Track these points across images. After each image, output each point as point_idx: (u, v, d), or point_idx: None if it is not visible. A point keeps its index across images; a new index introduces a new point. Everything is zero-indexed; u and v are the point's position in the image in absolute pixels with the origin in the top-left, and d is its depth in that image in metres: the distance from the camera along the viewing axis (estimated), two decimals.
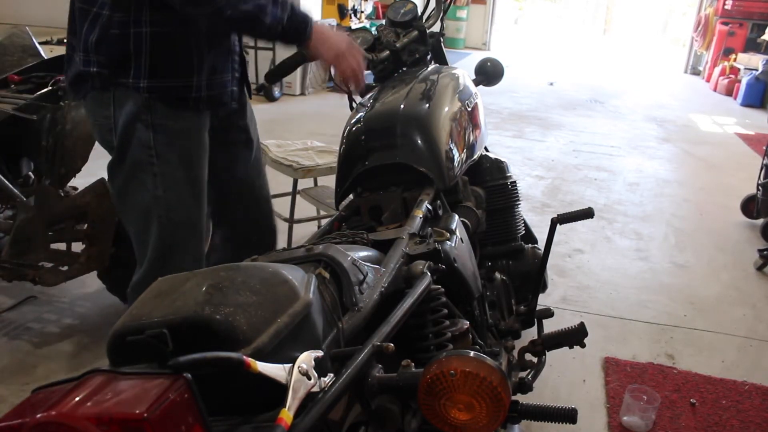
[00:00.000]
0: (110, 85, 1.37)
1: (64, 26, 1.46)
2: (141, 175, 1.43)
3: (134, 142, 1.40)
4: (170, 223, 1.46)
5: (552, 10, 21.56)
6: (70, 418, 0.56)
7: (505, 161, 1.94)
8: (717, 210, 4.07)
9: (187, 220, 1.50)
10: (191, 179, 1.48)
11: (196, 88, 1.42)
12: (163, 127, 1.40)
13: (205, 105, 1.46)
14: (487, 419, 0.78)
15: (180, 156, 1.44)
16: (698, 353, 2.45)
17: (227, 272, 0.81)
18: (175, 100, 1.40)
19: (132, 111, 1.37)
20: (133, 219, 1.51)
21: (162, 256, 1.50)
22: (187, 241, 1.51)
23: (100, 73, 1.36)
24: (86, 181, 2.21)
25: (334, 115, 3.03)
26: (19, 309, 2.44)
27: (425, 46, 1.96)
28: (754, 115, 7.34)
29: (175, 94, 1.39)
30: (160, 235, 1.47)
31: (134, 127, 1.38)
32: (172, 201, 1.46)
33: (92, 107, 1.44)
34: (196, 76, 1.41)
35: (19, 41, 2.50)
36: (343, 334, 0.89)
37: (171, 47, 1.36)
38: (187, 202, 1.48)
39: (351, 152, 1.58)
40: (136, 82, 1.35)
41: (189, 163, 1.47)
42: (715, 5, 9.61)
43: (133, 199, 1.47)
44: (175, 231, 1.48)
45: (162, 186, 1.43)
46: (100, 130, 1.46)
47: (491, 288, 1.74)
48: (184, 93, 1.40)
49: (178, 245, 1.50)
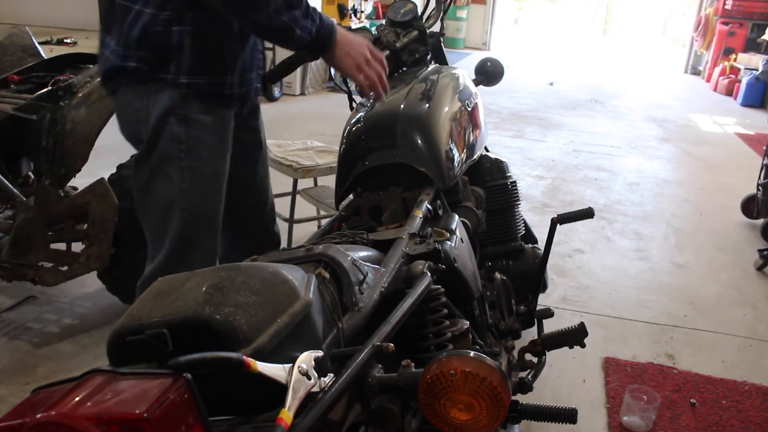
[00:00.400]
0: (148, 80, 1.41)
1: (64, 26, 1.47)
2: (168, 168, 1.45)
3: (165, 136, 1.43)
4: (192, 218, 1.49)
5: (552, 10, 21.56)
6: (70, 418, 0.56)
7: (505, 161, 1.94)
8: (717, 210, 4.07)
9: (208, 215, 1.52)
10: (216, 175, 1.51)
11: (229, 86, 1.46)
12: (196, 122, 1.43)
13: (236, 102, 1.50)
14: (487, 419, 0.78)
15: (209, 151, 1.48)
16: (698, 353, 2.45)
17: (227, 272, 0.81)
18: (210, 97, 1.44)
19: (167, 105, 1.41)
20: (153, 211, 1.52)
21: (179, 250, 1.51)
22: (204, 236, 1.54)
23: (139, 68, 1.40)
24: (86, 181, 2.21)
25: (334, 115, 3.04)
26: (19, 309, 2.44)
27: (425, 46, 1.96)
28: (754, 115, 7.35)
29: (210, 90, 1.43)
30: (181, 228, 1.49)
31: (167, 121, 1.42)
32: (196, 195, 1.48)
33: (124, 100, 1.47)
34: (230, 74, 1.45)
35: (19, 41, 2.50)
36: (343, 334, 0.89)
37: (209, 46, 1.41)
38: (210, 197, 1.51)
39: (351, 152, 1.58)
40: (176, 78, 1.39)
41: (216, 159, 1.50)
42: (715, 5, 9.62)
43: (158, 191, 1.49)
44: (195, 225, 1.50)
45: (189, 180, 1.46)
46: (131, 123, 1.49)
47: (491, 288, 1.74)
48: (218, 90, 1.44)
49: (196, 240, 1.52)
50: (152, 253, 1.56)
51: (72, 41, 8.27)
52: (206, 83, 1.42)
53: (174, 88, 1.39)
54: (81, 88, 2.20)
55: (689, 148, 5.68)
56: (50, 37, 8.27)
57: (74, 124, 2.17)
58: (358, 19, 7.42)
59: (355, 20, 7.21)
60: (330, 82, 7.06)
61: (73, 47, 7.94)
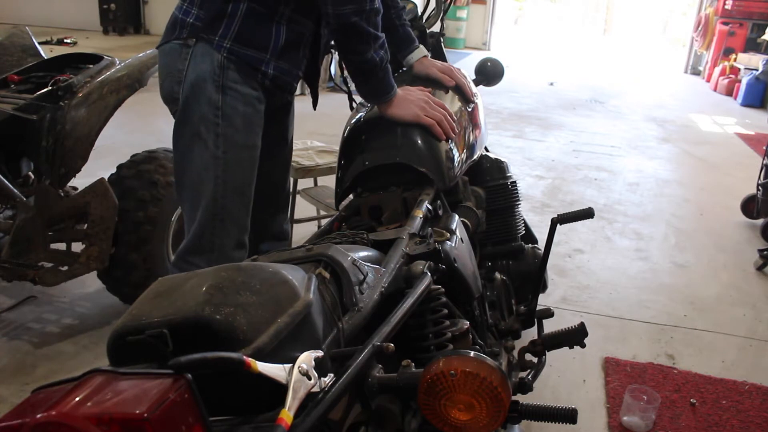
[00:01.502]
0: (197, 38, 1.49)
1: (64, 26, 1.48)
2: (205, 134, 1.51)
3: (202, 100, 1.49)
4: (225, 186, 1.52)
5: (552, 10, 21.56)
6: (70, 418, 0.56)
7: (505, 161, 1.94)
8: (717, 210, 4.07)
9: (240, 186, 1.56)
10: (249, 146, 1.55)
11: (266, 64, 1.51)
12: (233, 90, 1.49)
13: (269, 83, 1.54)
14: (487, 419, 0.78)
15: (243, 121, 1.52)
16: (698, 353, 2.45)
17: (227, 272, 0.81)
18: (248, 68, 1.50)
19: (206, 69, 1.48)
20: (190, 181, 1.56)
21: (210, 220, 1.54)
22: (235, 207, 1.56)
23: (194, 24, 1.49)
24: (86, 181, 2.21)
25: (334, 115, 3.03)
26: (19, 309, 2.44)
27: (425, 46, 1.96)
28: (754, 115, 7.35)
29: (248, 62, 1.49)
30: (214, 196, 1.53)
31: (204, 86, 1.48)
32: (230, 163, 1.52)
33: (168, 58, 1.55)
34: (269, 54, 1.51)
35: (19, 41, 2.50)
36: (343, 334, 0.89)
37: (258, 21, 1.48)
38: (243, 167, 1.55)
39: (351, 152, 1.58)
40: (221, 41, 1.47)
41: (250, 131, 1.54)
42: (715, 5, 9.62)
43: (194, 158, 1.53)
44: (227, 194, 1.53)
45: (223, 147, 1.51)
46: (170, 82, 1.55)
47: (491, 288, 1.74)
48: (256, 64, 1.50)
49: (227, 210, 1.55)
50: (188, 225, 1.60)
51: (72, 41, 8.28)
52: (245, 54, 1.48)
53: (216, 51, 1.47)
54: (81, 88, 2.20)
55: (689, 148, 5.68)
56: (50, 37, 8.28)
57: (74, 124, 2.17)
58: None
59: None
60: (330, 82, 7.04)
61: (73, 47, 7.95)
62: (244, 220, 1.60)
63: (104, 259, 2.18)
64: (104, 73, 2.28)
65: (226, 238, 1.56)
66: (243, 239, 1.60)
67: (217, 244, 1.55)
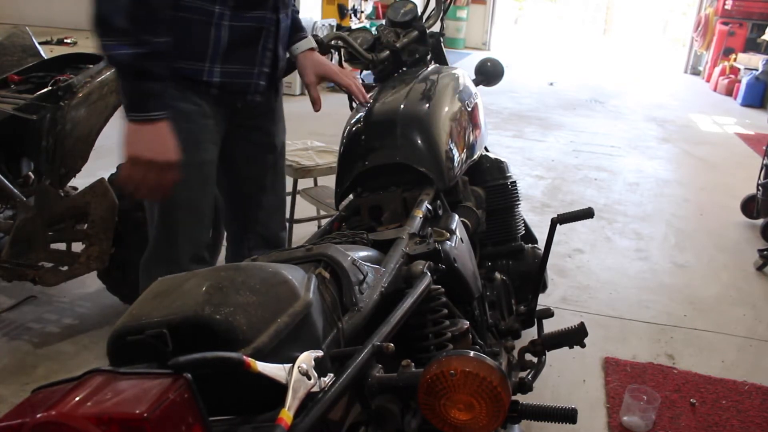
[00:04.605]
0: None
1: (64, 26, 1.47)
2: None
3: None
4: (171, 203, 1.47)
5: (552, 10, 21.56)
6: (70, 418, 0.56)
7: (505, 161, 1.94)
8: (717, 210, 4.07)
9: (189, 203, 1.51)
10: (196, 164, 1.48)
11: (208, 72, 1.43)
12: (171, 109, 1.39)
13: (216, 91, 1.46)
14: (487, 419, 0.78)
15: (186, 139, 1.45)
16: (698, 353, 2.45)
17: (227, 272, 0.81)
18: (186, 82, 1.42)
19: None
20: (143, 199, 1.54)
21: (163, 236, 1.53)
22: (186, 223, 1.53)
23: None
24: (86, 181, 2.21)
25: (334, 115, 3.03)
26: (19, 309, 2.44)
27: (425, 46, 1.96)
28: (754, 115, 7.35)
29: (185, 75, 1.41)
30: (161, 213, 1.51)
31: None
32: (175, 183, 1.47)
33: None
34: (209, 61, 1.43)
35: (19, 41, 2.50)
36: (343, 334, 0.89)
37: (188, 29, 1.38)
38: (190, 185, 1.48)
39: (351, 152, 1.58)
40: None
41: (195, 148, 1.47)
42: (715, 5, 9.62)
43: None
44: (174, 211, 1.50)
45: None
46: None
47: (491, 288, 1.74)
48: (195, 76, 1.42)
49: (177, 226, 1.52)
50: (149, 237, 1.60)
51: (72, 41, 8.27)
52: (180, 68, 1.39)
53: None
54: (81, 88, 2.20)
55: (689, 148, 5.68)
56: (50, 37, 8.27)
57: (74, 124, 2.17)
58: (359, 19, 7.42)
59: (355, 20, 7.21)
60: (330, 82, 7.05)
61: (73, 47, 7.94)
62: (199, 235, 1.56)
63: (104, 259, 2.18)
64: (104, 73, 2.27)
65: (180, 253, 1.53)
66: (199, 253, 1.57)
67: (173, 257, 1.53)
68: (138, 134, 1.27)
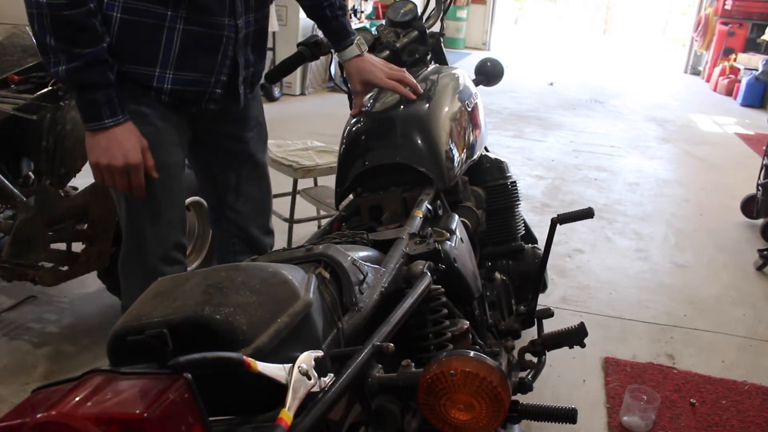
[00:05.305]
0: None
1: None
2: None
3: None
4: (134, 206, 1.48)
5: (552, 10, 21.56)
6: (70, 418, 0.57)
7: (505, 161, 1.94)
8: (717, 210, 4.07)
9: (151, 206, 1.49)
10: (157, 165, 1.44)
11: (159, 78, 1.40)
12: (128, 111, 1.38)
13: (167, 98, 1.43)
14: (487, 419, 0.78)
15: None
16: (698, 353, 2.45)
17: (227, 272, 0.81)
18: (137, 86, 1.39)
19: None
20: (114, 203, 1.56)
21: (132, 239, 1.53)
22: (150, 226, 1.52)
23: None
24: (86, 181, 2.20)
25: (334, 115, 3.04)
26: (19, 309, 2.44)
27: (425, 46, 1.96)
28: (754, 115, 7.35)
29: (137, 80, 1.39)
30: (127, 216, 1.51)
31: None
32: None
33: None
34: (160, 66, 1.39)
35: (19, 41, 2.50)
36: (343, 334, 0.89)
37: (138, 33, 1.36)
38: (152, 187, 1.46)
39: (351, 152, 1.58)
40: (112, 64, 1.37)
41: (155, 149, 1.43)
42: (715, 5, 9.62)
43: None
44: (138, 214, 1.50)
45: None
46: None
47: (491, 288, 1.74)
48: (146, 81, 1.40)
49: (144, 228, 1.51)
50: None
51: None
52: (132, 72, 1.37)
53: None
54: None
55: (689, 148, 5.68)
56: None
57: (74, 124, 2.17)
58: (358, 19, 7.42)
59: (355, 20, 7.21)
60: (330, 82, 7.06)
61: None
62: (166, 236, 1.54)
63: (104, 259, 2.18)
64: None
65: (148, 254, 1.52)
66: (169, 254, 1.55)
67: (141, 258, 1.52)
68: (95, 142, 1.33)
